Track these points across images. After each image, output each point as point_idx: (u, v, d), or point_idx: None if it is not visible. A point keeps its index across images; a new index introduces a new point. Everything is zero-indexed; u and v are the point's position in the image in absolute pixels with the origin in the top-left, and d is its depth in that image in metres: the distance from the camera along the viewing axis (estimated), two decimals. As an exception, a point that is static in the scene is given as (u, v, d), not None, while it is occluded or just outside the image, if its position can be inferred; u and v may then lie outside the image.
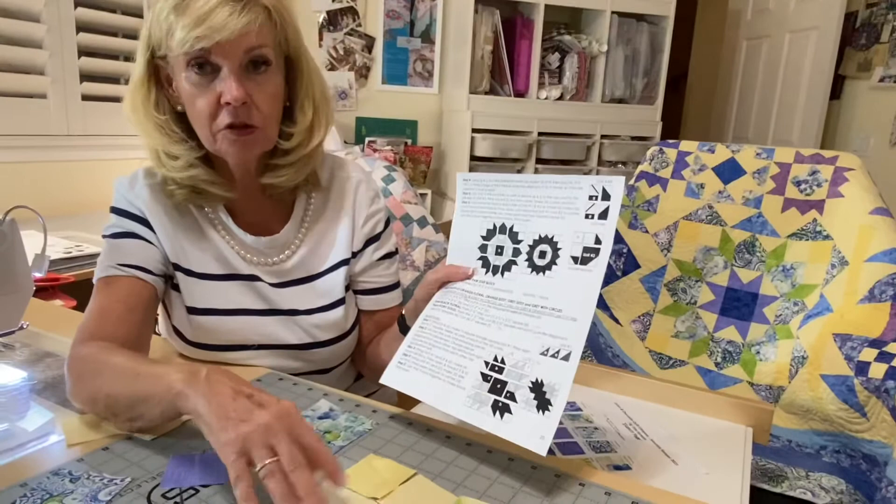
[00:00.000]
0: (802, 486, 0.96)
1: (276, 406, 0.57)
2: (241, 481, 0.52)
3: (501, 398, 0.65)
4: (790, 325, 1.20)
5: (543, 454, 0.60)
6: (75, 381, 0.71)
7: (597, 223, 0.67)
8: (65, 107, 1.93)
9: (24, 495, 0.56)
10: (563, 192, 0.71)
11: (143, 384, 0.64)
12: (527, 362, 0.65)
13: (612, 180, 0.67)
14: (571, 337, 0.64)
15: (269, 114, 0.81)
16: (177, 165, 0.82)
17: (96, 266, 0.83)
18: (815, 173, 1.26)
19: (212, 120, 0.78)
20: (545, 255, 0.71)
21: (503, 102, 2.88)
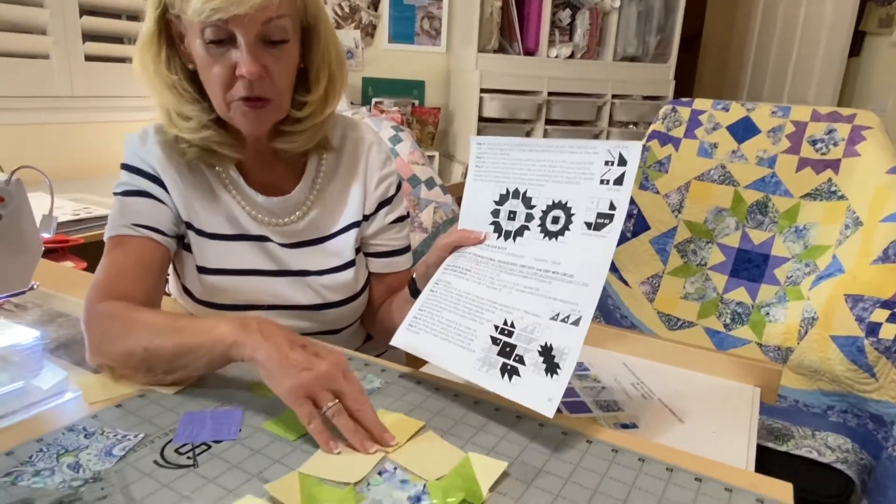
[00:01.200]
0: (808, 444, 0.97)
1: (332, 356, 0.63)
2: (314, 419, 0.59)
3: (510, 361, 0.65)
4: (801, 286, 1.19)
5: (551, 416, 0.60)
6: (100, 337, 0.71)
7: (612, 189, 0.66)
8: (68, 67, 1.90)
9: (40, 450, 0.57)
10: (578, 157, 0.70)
11: (187, 336, 0.66)
12: (537, 326, 0.65)
13: (630, 146, 0.66)
14: (582, 302, 0.64)
15: (284, 86, 0.80)
16: (189, 126, 0.80)
17: (107, 223, 0.83)
18: (832, 132, 1.23)
19: (225, 90, 0.77)
20: (558, 221, 0.70)
21: (512, 61, 2.82)
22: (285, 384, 0.59)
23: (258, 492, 0.52)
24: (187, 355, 0.66)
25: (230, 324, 0.65)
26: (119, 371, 0.70)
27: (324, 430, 0.59)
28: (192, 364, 0.67)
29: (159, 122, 0.86)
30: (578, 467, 0.58)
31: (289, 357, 0.60)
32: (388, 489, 0.54)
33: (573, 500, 0.53)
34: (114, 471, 0.54)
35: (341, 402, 0.60)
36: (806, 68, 3.22)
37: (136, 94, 2.04)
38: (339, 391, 0.60)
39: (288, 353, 0.61)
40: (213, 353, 0.65)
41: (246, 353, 0.63)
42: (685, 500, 0.54)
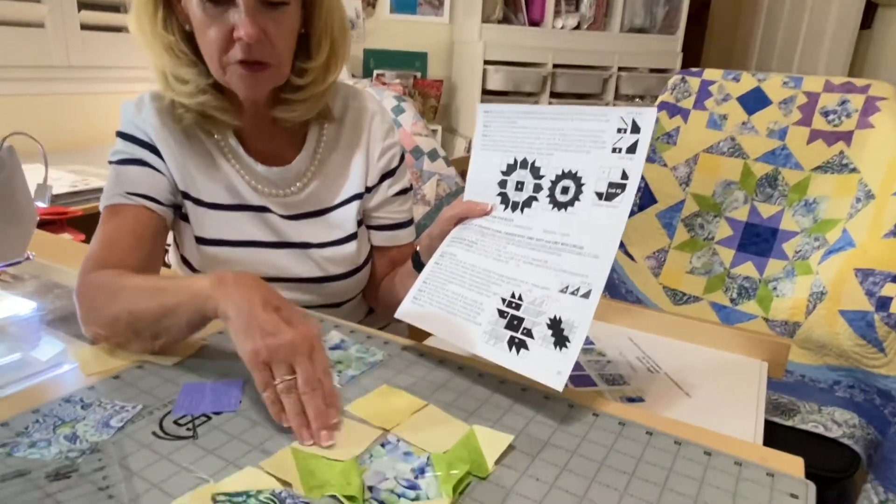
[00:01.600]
0: (814, 419, 0.96)
1: (302, 327, 0.58)
2: (268, 388, 0.56)
3: (518, 335, 0.63)
4: (810, 260, 1.17)
5: (560, 389, 0.59)
6: (89, 305, 0.70)
7: (624, 157, 0.64)
8: (64, 36, 1.87)
9: (36, 421, 0.56)
10: (589, 125, 0.67)
11: (168, 296, 0.64)
12: (545, 299, 0.64)
13: (644, 112, 0.63)
14: (592, 274, 0.62)
15: (284, 50, 0.77)
16: (186, 90, 0.78)
17: (103, 193, 0.81)
18: (845, 103, 1.20)
19: (222, 53, 0.74)
20: (568, 191, 0.68)
21: (517, 32, 2.77)
22: (246, 346, 0.57)
23: (259, 463, 0.51)
24: (169, 316, 0.64)
25: (209, 277, 0.62)
26: (110, 339, 0.69)
27: (276, 400, 0.56)
28: (174, 325, 0.64)
29: (156, 89, 0.84)
30: (585, 440, 0.57)
31: (257, 318, 0.57)
32: (390, 461, 0.53)
33: (580, 474, 0.52)
34: (111, 442, 0.53)
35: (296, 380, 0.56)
36: (816, 41, 3.15)
37: (134, 65, 2.00)
38: (296, 365, 0.56)
39: (258, 314, 0.57)
40: (192, 310, 0.62)
41: (219, 307, 0.60)
42: (694, 473, 0.53)
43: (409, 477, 0.51)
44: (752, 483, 0.52)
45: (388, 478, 0.51)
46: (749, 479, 0.53)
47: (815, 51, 3.16)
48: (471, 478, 0.51)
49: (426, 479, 0.51)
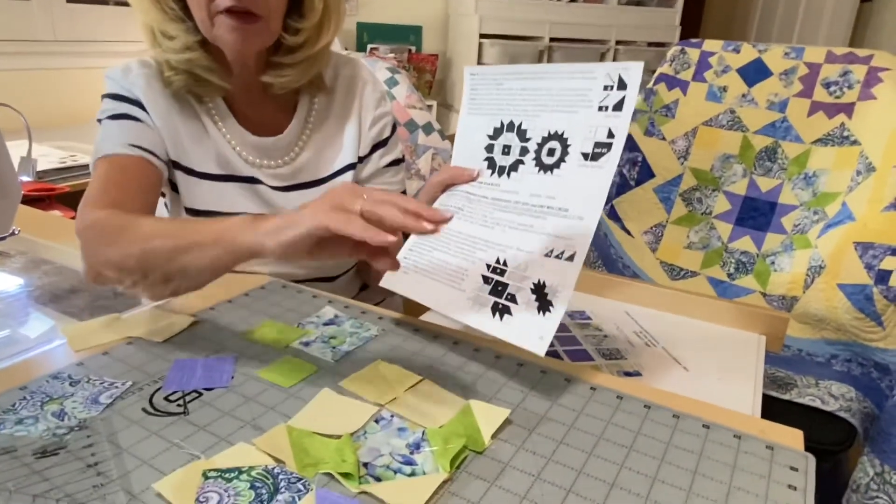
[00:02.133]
0: (811, 393, 0.96)
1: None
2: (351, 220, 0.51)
3: (502, 300, 0.62)
4: (808, 234, 1.16)
5: (542, 354, 0.58)
6: (96, 243, 0.65)
7: (611, 115, 0.62)
8: (50, 9, 1.82)
9: (23, 398, 0.55)
10: (575, 83, 0.65)
11: (191, 232, 0.59)
12: (530, 264, 0.62)
13: (630, 66, 0.61)
14: (577, 237, 0.61)
15: (274, 4, 0.74)
16: (173, 46, 0.75)
17: (93, 151, 0.77)
18: (847, 74, 1.18)
19: (209, 1, 0.71)
20: (554, 153, 0.66)
21: (513, 4, 2.72)
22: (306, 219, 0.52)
23: (251, 439, 0.50)
24: (192, 251, 0.58)
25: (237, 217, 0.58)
26: (116, 282, 0.65)
27: (368, 226, 0.50)
28: (193, 263, 0.58)
29: (142, 58, 0.81)
30: (582, 414, 0.56)
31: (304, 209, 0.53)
32: (385, 437, 0.52)
33: (577, 447, 0.51)
34: (100, 419, 0.52)
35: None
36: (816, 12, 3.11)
37: (122, 39, 1.96)
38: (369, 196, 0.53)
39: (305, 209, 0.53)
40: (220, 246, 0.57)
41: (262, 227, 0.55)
42: (693, 446, 0.52)
43: (404, 452, 0.50)
44: (751, 456, 0.52)
45: (383, 454, 0.50)
46: (748, 452, 0.52)
47: (815, 23, 3.12)
48: (467, 452, 0.50)
49: (422, 453, 0.50)
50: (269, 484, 0.46)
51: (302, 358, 0.63)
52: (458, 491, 0.46)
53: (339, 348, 0.66)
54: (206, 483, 0.46)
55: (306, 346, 0.66)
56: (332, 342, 0.67)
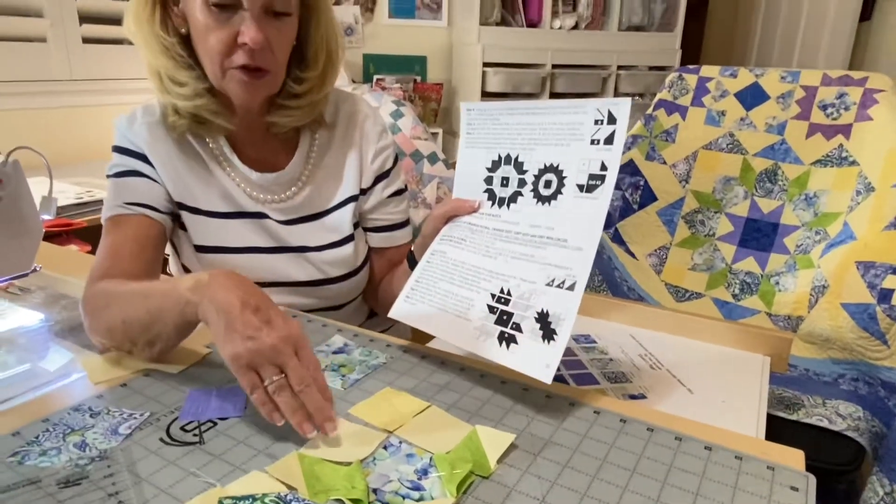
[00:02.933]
0: (819, 413, 0.96)
1: (284, 328, 0.57)
2: (256, 389, 0.55)
3: (507, 329, 0.64)
4: (811, 254, 1.17)
5: (548, 382, 0.59)
6: (91, 316, 0.71)
7: (602, 149, 0.65)
8: (66, 50, 1.88)
9: (46, 430, 0.57)
10: (567, 118, 0.68)
11: (154, 301, 0.64)
12: (532, 293, 0.64)
13: (619, 102, 0.64)
14: (577, 266, 0.63)
15: (282, 59, 0.79)
16: (183, 93, 0.79)
17: (104, 205, 0.82)
18: (843, 96, 1.20)
19: (224, 56, 0.76)
20: (550, 185, 0.69)
21: (515, 34, 2.77)
22: (226, 350, 0.56)
23: (264, 467, 0.52)
24: (156, 323, 0.64)
25: (191, 280, 0.61)
26: (114, 347, 0.70)
27: (266, 400, 0.55)
28: (162, 332, 0.64)
29: (148, 103, 0.85)
30: (586, 438, 0.57)
31: (236, 321, 0.56)
32: (393, 463, 0.53)
33: (582, 471, 0.53)
34: (120, 449, 0.54)
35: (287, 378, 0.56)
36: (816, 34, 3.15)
37: (135, 76, 2.02)
38: (284, 366, 0.55)
39: (236, 316, 0.56)
40: (176, 316, 0.62)
41: (198, 311, 0.59)
42: (695, 468, 0.53)
43: (412, 478, 0.52)
44: (752, 476, 0.53)
45: (392, 479, 0.52)
46: (749, 473, 0.53)
47: (814, 44, 3.16)
48: (474, 477, 0.52)
49: (430, 479, 0.52)
50: (282, 510, 0.48)
51: (313, 386, 0.65)
52: (465, 515, 0.48)
53: (349, 376, 0.68)
54: (222, 510, 0.47)
55: (317, 374, 0.68)
56: (341, 370, 0.69)
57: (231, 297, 0.58)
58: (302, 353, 0.57)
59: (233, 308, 0.57)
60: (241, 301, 0.57)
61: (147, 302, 0.65)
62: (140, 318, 0.65)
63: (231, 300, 0.57)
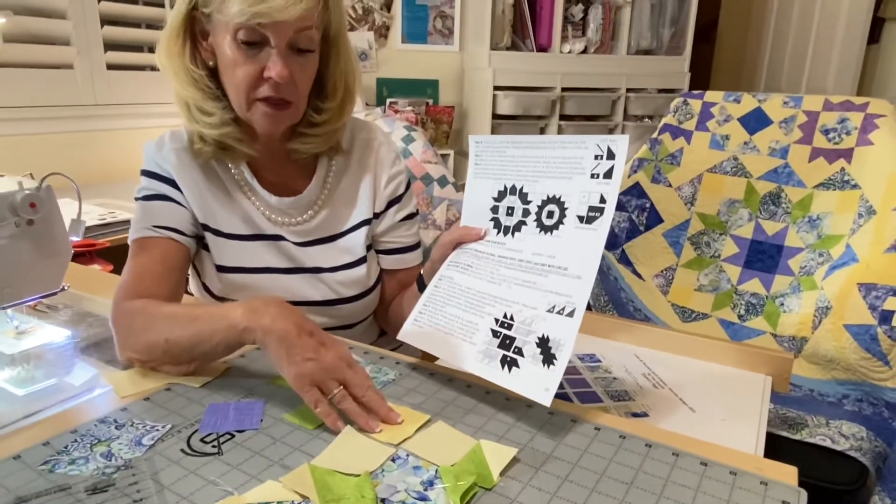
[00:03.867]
0: (822, 433, 0.97)
1: (338, 346, 0.67)
2: (320, 403, 0.63)
3: (510, 353, 0.67)
4: (815, 276, 1.19)
5: (548, 405, 0.62)
6: (126, 333, 0.75)
7: (602, 182, 0.68)
8: (91, 76, 1.96)
9: (74, 440, 0.60)
10: (569, 153, 0.71)
11: (204, 325, 0.69)
12: (534, 319, 0.67)
13: (617, 139, 0.67)
14: (576, 294, 0.66)
15: (304, 92, 0.84)
16: (210, 122, 0.84)
17: (131, 227, 0.87)
18: (845, 121, 1.23)
19: (251, 89, 0.80)
20: (553, 215, 0.72)
21: (525, 58, 2.83)
22: (292, 371, 0.63)
23: (279, 477, 0.55)
24: (204, 343, 0.69)
25: (242, 308, 0.67)
26: (146, 364, 0.74)
27: (331, 411, 0.63)
28: (210, 351, 0.70)
29: (175, 129, 0.90)
30: (586, 453, 0.60)
31: (296, 345, 0.63)
32: (401, 475, 0.56)
33: (581, 484, 0.55)
34: (144, 459, 0.58)
35: (347, 390, 0.64)
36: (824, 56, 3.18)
37: (157, 101, 2.09)
38: (343, 380, 0.64)
39: (295, 341, 0.64)
40: (228, 339, 0.68)
41: (257, 337, 0.66)
42: (690, 482, 0.56)
43: (419, 489, 0.54)
44: (745, 491, 0.55)
45: (399, 490, 0.54)
46: (743, 488, 0.55)
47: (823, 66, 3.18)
48: (477, 489, 0.54)
49: (435, 490, 0.54)
50: (295, 518, 0.50)
51: (325, 402, 0.68)
52: (469, 524, 0.50)
53: (360, 392, 0.70)
54: (239, 517, 0.50)
55: (329, 390, 0.71)
56: (352, 386, 0.72)
57: (288, 324, 0.65)
58: (355, 367, 0.66)
59: (290, 334, 0.64)
60: (297, 327, 0.65)
61: (195, 325, 0.70)
62: (186, 339, 0.70)
63: (288, 327, 0.65)
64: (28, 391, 0.76)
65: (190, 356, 0.72)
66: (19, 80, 1.79)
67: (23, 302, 0.80)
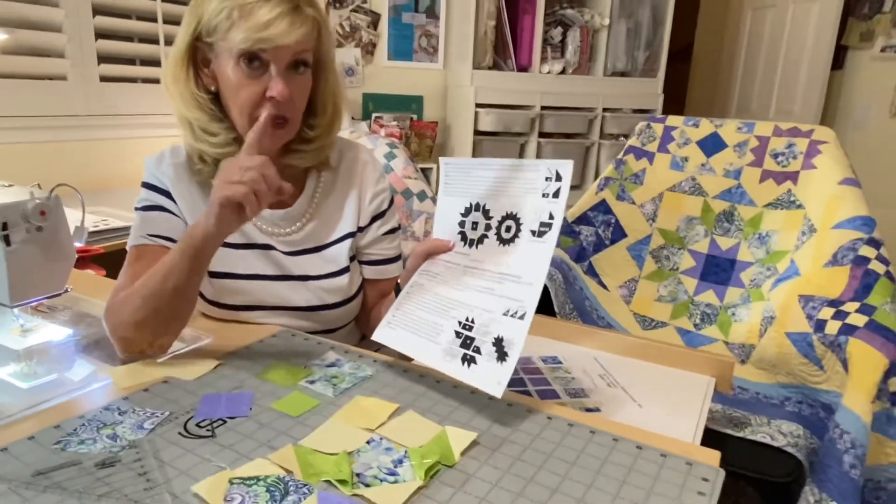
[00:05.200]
0: (763, 431, 1.06)
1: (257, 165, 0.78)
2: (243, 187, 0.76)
3: (469, 352, 0.75)
4: (762, 288, 1.29)
5: (499, 396, 0.71)
6: (115, 318, 0.83)
7: (551, 201, 0.77)
8: (84, 88, 2.02)
9: (82, 424, 0.67)
10: (525, 174, 0.81)
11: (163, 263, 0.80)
12: (491, 321, 0.76)
13: (563, 164, 0.77)
14: (527, 299, 0.75)
15: (301, 109, 0.93)
16: (215, 142, 0.91)
17: (130, 234, 0.94)
18: (792, 146, 1.34)
19: (254, 109, 0.88)
20: (510, 230, 0.81)
21: (506, 77, 2.94)
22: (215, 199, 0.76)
23: (267, 455, 0.63)
24: (173, 273, 0.79)
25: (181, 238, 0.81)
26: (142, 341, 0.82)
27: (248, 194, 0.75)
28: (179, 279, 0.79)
29: (175, 145, 0.97)
30: (538, 438, 0.68)
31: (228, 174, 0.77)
32: (374, 455, 0.64)
33: (531, 463, 0.63)
34: (146, 440, 0.65)
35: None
36: (791, 81, 3.33)
37: (148, 112, 2.16)
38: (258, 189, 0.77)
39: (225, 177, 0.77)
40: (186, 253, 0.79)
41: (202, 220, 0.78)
42: (626, 462, 0.64)
43: (389, 466, 0.62)
44: (672, 470, 0.63)
45: (372, 467, 0.62)
46: (670, 468, 0.64)
47: (791, 90, 3.34)
48: (440, 466, 0.62)
49: (404, 467, 0.62)
50: (280, 488, 0.58)
51: (308, 393, 0.76)
52: (431, 495, 0.58)
53: (339, 385, 0.78)
54: (232, 488, 0.58)
55: (311, 383, 0.79)
56: (333, 381, 0.80)
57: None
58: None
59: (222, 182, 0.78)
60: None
61: (159, 269, 0.81)
62: (156, 283, 0.80)
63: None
64: (32, 385, 0.82)
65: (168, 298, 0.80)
66: (14, 90, 1.86)
67: (31, 301, 0.86)
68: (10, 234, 0.80)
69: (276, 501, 0.56)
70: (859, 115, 3.22)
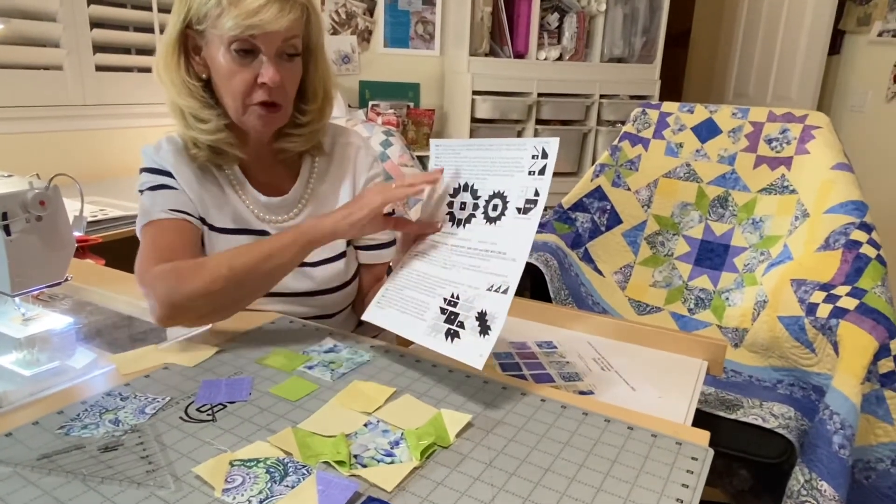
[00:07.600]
0: (755, 413, 1.08)
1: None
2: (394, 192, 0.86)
3: (454, 327, 0.77)
4: (756, 273, 1.31)
5: (480, 368, 0.71)
6: (174, 283, 0.80)
7: (537, 178, 0.78)
8: (80, 77, 2.02)
9: (85, 409, 0.69)
10: (512, 153, 0.82)
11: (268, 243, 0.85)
12: (476, 297, 0.77)
13: (550, 141, 0.78)
14: (511, 274, 0.76)
15: (292, 94, 0.94)
16: (206, 128, 0.92)
17: (140, 215, 0.92)
18: (786, 131, 1.35)
19: (246, 95, 0.89)
20: (497, 208, 0.82)
21: (503, 64, 2.93)
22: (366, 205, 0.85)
23: (266, 438, 0.64)
24: (272, 256, 0.83)
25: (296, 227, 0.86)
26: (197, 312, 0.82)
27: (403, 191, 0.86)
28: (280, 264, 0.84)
29: (170, 135, 0.98)
30: (532, 419, 0.70)
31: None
32: (371, 436, 0.66)
33: (524, 443, 0.65)
34: (148, 424, 0.66)
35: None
36: (788, 66, 3.33)
37: (143, 102, 2.16)
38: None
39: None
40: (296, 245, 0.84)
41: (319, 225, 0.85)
42: (617, 443, 0.66)
43: (386, 448, 0.64)
44: (662, 449, 0.65)
45: (369, 448, 0.64)
46: (660, 447, 0.65)
47: (788, 75, 3.33)
48: (436, 447, 0.64)
49: (400, 448, 0.64)
50: (280, 470, 0.60)
51: (306, 378, 0.77)
52: (427, 474, 0.60)
53: (337, 370, 0.80)
54: (233, 469, 0.59)
55: (310, 368, 0.80)
56: (331, 366, 0.81)
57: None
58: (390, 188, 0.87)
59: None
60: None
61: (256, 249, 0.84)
62: (252, 261, 0.83)
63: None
64: (34, 372, 0.84)
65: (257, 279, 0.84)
66: (10, 80, 1.85)
67: (32, 290, 0.88)
68: (10, 223, 0.81)
69: (276, 482, 0.58)
70: (856, 101, 3.22)
